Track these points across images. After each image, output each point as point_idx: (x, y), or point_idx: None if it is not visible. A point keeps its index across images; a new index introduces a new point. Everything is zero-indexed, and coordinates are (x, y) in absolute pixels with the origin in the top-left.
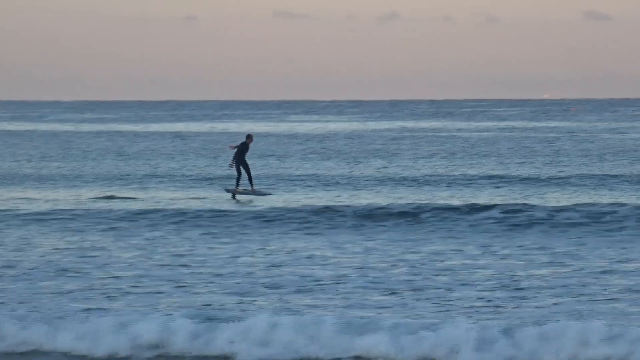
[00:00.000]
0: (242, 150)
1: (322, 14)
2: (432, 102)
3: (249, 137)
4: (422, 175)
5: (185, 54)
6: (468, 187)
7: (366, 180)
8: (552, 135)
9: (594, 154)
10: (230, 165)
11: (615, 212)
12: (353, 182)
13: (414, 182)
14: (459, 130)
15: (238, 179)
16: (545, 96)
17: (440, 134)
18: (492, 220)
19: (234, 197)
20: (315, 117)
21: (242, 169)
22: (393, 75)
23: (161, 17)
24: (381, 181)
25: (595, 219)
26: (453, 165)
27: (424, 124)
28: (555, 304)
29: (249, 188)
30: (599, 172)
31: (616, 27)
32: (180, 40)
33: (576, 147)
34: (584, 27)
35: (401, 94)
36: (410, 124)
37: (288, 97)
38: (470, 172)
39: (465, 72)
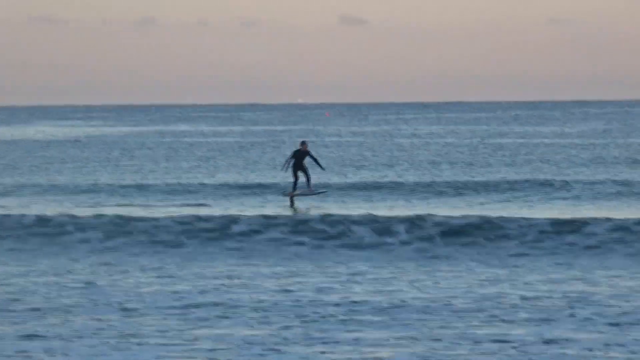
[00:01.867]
0: (299, 157)
1: (78, 19)
2: (192, 106)
3: (303, 143)
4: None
5: None
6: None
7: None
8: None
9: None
10: (284, 169)
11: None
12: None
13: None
14: (215, 134)
15: (295, 183)
16: (300, 100)
17: (191, 138)
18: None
19: (292, 201)
20: (69, 122)
21: (299, 173)
22: (153, 79)
23: None
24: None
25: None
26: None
27: (183, 127)
28: None
29: (307, 188)
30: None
31: (371, 30)
32: None
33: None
34: (338, 32)
35: (159, 98)
36: (152, 128)
37: (45, 102)
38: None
39: (219, 76)
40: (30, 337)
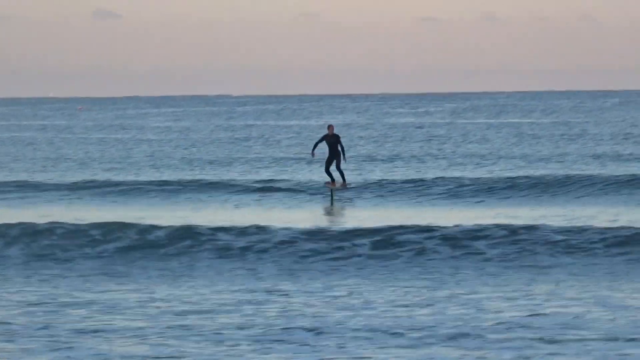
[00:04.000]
0: (330, 144)
1: None
2: None
3: (329, 127)
4: None
5: None
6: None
7: None
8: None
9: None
10: (312, 154)
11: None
12: None
13: None
14: None
15: (329, 173)
16: (51, 95)
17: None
18: None
19: (332, 195)
20: None
21: (334, 163)
22: None
23: None
24: None
25: None
26: None
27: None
28: None
29: (341, 182)
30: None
31: (125, 25)
32: None
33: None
34: (92, 26)
35: None
36: None
37: None
38: None
39: None
40: None
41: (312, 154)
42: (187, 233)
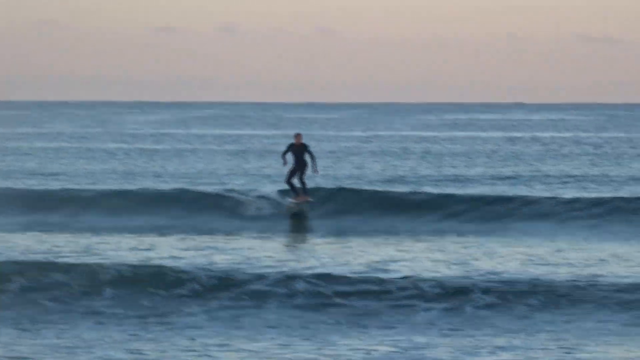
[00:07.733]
0: (296, 152)
1: None
2: None
3: (297, 135)
4: None
5: None
6: None
7: None
8: None
9: None
10: (284, 163)
11: None
12: None
13: None
14: None
15: (292, 186)
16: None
17: None
18: None
19: (294, 211)
20: None
21: (296, 174)
22: None
23: None
24: None
25: None
26: None
27: None
28: None
29: (302, 195)
30: None
31: None
32: None
33: None
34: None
35: None
36: None
37: None
38: None
39: None
40: None
41: (284, 162)
42: None
